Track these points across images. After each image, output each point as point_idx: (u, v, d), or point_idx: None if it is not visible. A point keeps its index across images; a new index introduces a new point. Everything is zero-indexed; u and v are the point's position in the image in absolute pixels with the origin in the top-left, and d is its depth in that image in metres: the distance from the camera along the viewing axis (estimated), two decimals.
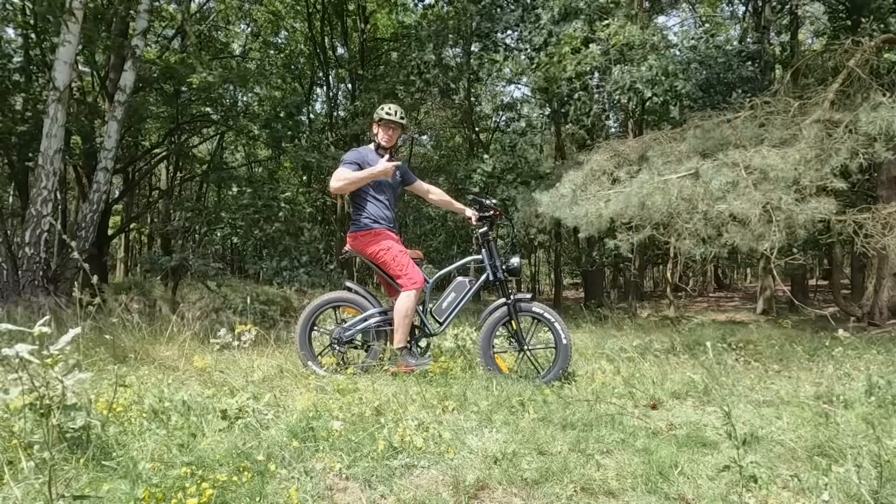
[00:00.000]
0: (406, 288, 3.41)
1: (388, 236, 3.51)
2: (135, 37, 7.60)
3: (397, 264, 3.44)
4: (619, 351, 4.73)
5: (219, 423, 2.33)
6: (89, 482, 1.75)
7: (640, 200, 5.23)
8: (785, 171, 4.72)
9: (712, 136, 5.99)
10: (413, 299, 3.39)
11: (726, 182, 4.85)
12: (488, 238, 3.61)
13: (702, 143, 5.98)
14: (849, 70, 6.34)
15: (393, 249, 3.46)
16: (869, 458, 2.02)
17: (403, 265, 3.44)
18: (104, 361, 3.50)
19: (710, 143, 5.92)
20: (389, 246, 3.47)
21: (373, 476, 1.96)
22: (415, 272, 3.43)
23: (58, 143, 6.49)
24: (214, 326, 4.07)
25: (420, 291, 3.44)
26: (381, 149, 3.58)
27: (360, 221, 3.53)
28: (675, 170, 5.47)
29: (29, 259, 6.25)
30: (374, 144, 3.62)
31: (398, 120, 3.55)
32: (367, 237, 3.50)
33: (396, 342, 3.42)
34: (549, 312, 3.49)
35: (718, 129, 6.09)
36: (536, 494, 1.90)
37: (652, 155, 6.04)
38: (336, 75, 14.68)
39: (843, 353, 4.36)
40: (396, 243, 3.51)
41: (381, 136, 3.58)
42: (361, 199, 3.54)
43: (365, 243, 3.51)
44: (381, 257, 3.48)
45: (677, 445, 2.31)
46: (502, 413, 2.69)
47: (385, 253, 3.46)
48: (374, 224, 3.51)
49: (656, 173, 5.43)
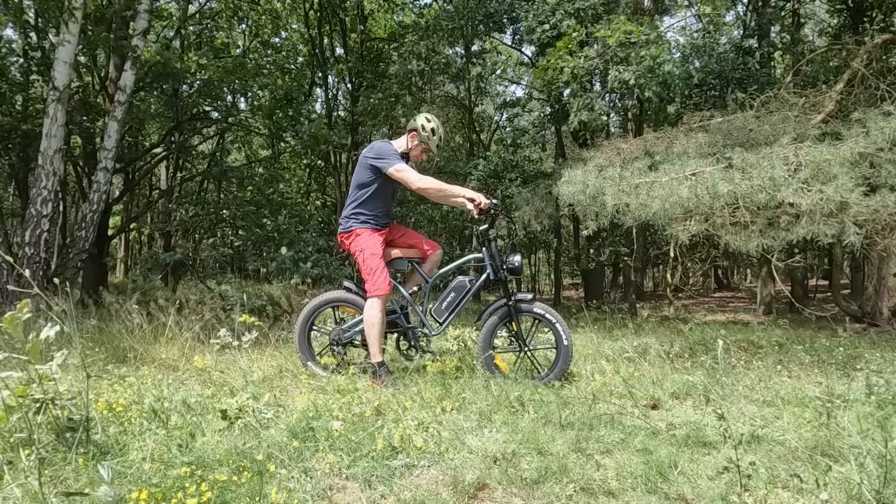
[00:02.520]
0: (369, 295, 3.35)
1: (367, 237, 3.44)
2: (135, 37, 7.60)
3: (366, 267, 3.38)
4: (619, 351, 4.73)
5: (218, 423, 2.33)
6: (88, 482, 1.75)
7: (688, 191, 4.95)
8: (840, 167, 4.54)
9: (734, 130, 5.87)
10: (376, 307, 3.31)
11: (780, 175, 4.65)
12: (489, 237, 3.57)
13: (724, 136, 5.87)
14: (853, 70, 6.33)
15: (366, 251, 3.39)
16: (872, 458, 2.01)
17: (371, 269, 3.35)
18: (105, 361, 3.51)
19: (734, 136, 5.80)
20: (363, 247, 3.41)
21: (372, 476, 1.96)
22: (379, 279, 3.33)
23: (58, 143, 6.49)
24: (214, 326, 4.07)
25: (384, 299, 3.35)
26: (405, 157, 3.55)
27: (348, 222, 3.51)
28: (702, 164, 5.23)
29: (29, 259, 6.25)
30: (401, 148, 3.56)
31: (436, 147, 3.58)
32: (350, 237, 3.49)
33: (371, 356, 3.36)
34: (551, 313, 3.47)
35: (742, 121, 5.97)
36: (536, 494, 1.90)
37: (677, 149, 5.88)
38: (337, 72, 14.66)
39: (844, 353, 4.36)
40: (373, 244, 3.42)
41: (415, 151, 3.58)
42: (364, 195, 3.48)
43: (348, 244, 3.51)
44: (358, 258, 3.45)
45: (677, 445, 2.31)
46: (502, 413, 2.69)
47: (360, 254, 3.42)
48: (357, 224, 3.48)
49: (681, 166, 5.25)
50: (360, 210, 3.49)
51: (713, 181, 4.88)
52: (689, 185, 5.01)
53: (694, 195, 4.93)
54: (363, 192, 3.48)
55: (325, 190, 18.41)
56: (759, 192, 4.73)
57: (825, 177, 4.63)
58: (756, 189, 4.73)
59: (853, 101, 6.27)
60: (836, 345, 4.65)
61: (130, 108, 8.04)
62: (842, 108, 6.24)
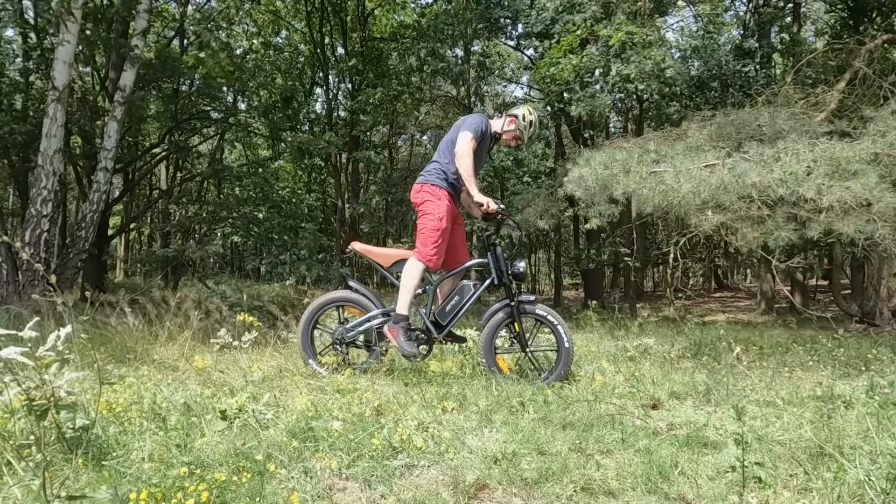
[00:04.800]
0: (417, 255, 3.38)
1: (442, 203, 3.42)
2: (135, 37, 7.60)
3: (426, 234, 3.38)
4: (619, 351, 4.73)
5: (218, 423, 2.32)
6: (88, 483, 1.74)
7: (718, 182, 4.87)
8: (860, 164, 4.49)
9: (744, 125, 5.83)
10: (419, 268, 3.36)
11: (802, 169, 4.59)
12: (494, 242, 3.57)
13: (736, 129, 5.82)
14: (855, 69, 6.32)
15: (434, 217, 3.38)
16: (881, 458, 2.01)
17: (429, 239, 3.36)
18: (104, 361, 3.50)
19: (745, 131, 5.76)
20: (433, 212, 3.40)
21: (372, 476, 1.95)
22: (432, 250, 3.35)
23: (58, 143, 6.48)
24: (214, 326, 4.06)
25: (426, 269, 3.41)
26: (495, 137, 3.62)
27: (430, 175, 3.49)
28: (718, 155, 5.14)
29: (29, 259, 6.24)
30: (497, 126, 3.63)
31: (528, 138, 3.66)
32: (426, 192, 3.46)
33: (398, 306, 3.38)
34: (553, 315, 3.46)
35: (749, 115, 5.92)
36: (536, 494, 1.90)
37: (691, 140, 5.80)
38: (338, 71, 14.67)
39: (845, 353, 4.36)
40: (443, 213, 3.40)
41: (508, 135, 3.63)
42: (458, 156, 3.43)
43: (419, 198, 3.48)
44: (421, 216, 3.44)
45: (677, 445, 2.31)
46: (502, 413, 2.69)
47: (425, 215, 3.41)
48: (438, 181, 3.47)
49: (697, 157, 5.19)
50: (448, 170, 3.49)
51: (741, 170, 4.78)
52: (717, 174, 4.91)
53: (721, 182, 4.85)
54: (453, 153, 3.48)
55: (326, 190, 18.41)
56: (779, 186, 4.66)
57: (843, 173, 4.58)
58: (777, 182, 4.67)
59: (854, 100, 6.28)
60: (836, 345, 4.64)
61: (130, 107, 8.03)
62: (843, 108, 6.24)
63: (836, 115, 6.04)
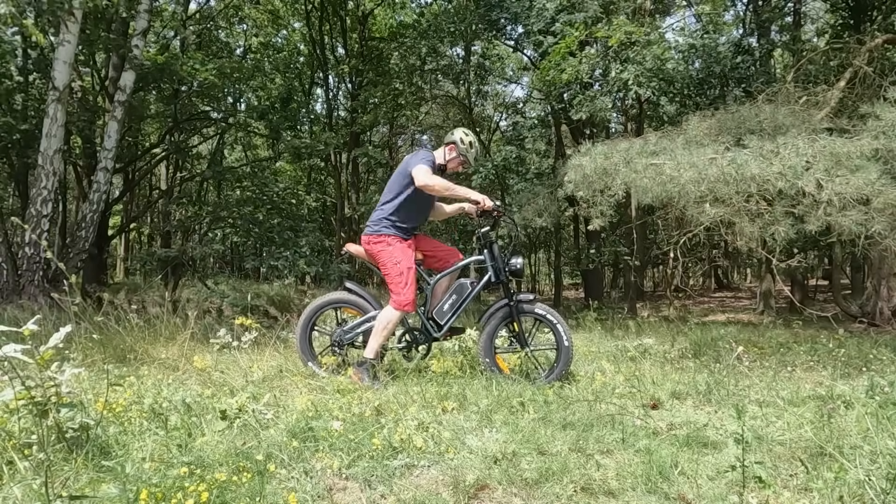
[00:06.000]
0: (393, 305, 3.33)
1: (398, 247, 3.40)
2: (135, 37, 7.60)
3: (395, 279, 3.35)
4: (619, 351, 4.73)
5: (218, 423, 2.32)
6: (88, 482, 1.74)
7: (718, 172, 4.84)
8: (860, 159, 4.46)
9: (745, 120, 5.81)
10: (395, 317, 3.33)
11: (801, 163, 4.54)
12: (490, 239, 3.56)
13: (737, 124, 5.80)
14: (855, 68, 6.32)
15: (400, 263, 3.36)
16: (881, 458, 2.01)
17: (400, 281, 3.33)
18: (104, 361, 3.50)
19: (746, 125, 5.74)
20: (394, 258, 3.37)
21: (372, 476, 1.95)
22: (407, 292, 3.32)
23: (58, 143, 6.49)
24: (214, 326, 4.06)
25: (403, 315, 3.37)
26: (441, 169, 3.56)
27: (377, 226, 3.44)
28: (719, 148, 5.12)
29: (29, 259, 6.25)
30: (438, 159, 3.56)
31: (473, 160, 3.64)
32: (379, 242, 3.42)
33: (367, 350, 3.35)
34: (552, 314, 3.46)
35: (750, 111, 5.90)
36: (536, 494, 1.90)
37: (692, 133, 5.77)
38: (337, 72, 14.67)
39: (845, 353, 4.36)
40: (405, 255, 3.38)
41: (452, 163, 3.60)
42: (398, 200, 3.43)
43: (375, 249, 3.44)
44: (384, 267, 3.41)
45: (678, 445, 2.30)
46: (502, 413, 2.69)
47: (388, 264, 3.38)
48: (387, 230, 3.42)
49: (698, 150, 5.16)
50: (393, 216, 3.43)
51: (741, 161, 4.75)
52: (717, 165, 4.85)
53: (721, 173, 4.82)
54: (398, 197, 3.43)
55: (325, 189, 18.42)
56: (778, 180, 4.64)
57: (843, 169, 4.56)
58: (776, 176, 4.64)
59: (855, 99, 6.28)
60: (837, 345, 4.64)
61: (130, 107, 8.03)
62: (843, 106, 6.24)
63: (834, 113, 6.04)
